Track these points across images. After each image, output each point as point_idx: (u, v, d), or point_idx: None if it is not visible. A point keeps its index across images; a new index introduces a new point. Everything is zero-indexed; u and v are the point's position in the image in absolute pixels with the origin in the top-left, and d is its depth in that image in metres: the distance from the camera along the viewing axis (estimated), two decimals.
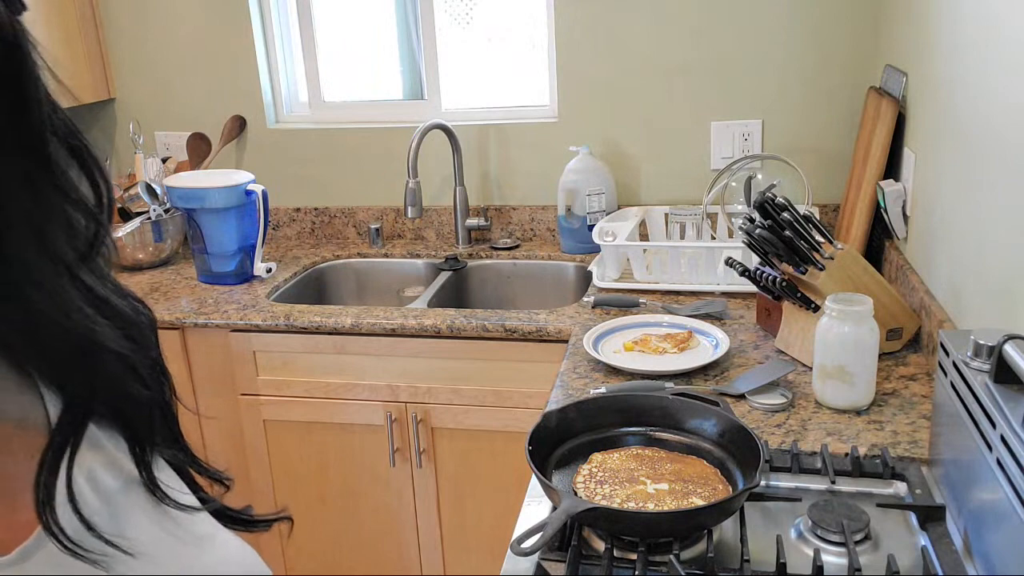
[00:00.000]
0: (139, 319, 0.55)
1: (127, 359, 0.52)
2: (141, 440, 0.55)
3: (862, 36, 2.09)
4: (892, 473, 1.15)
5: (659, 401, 1.23)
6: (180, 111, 2.55)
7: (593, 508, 0.98)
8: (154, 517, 0.54)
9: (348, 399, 1.95)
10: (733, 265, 1.61)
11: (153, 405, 0.56)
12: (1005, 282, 1.16)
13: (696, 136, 2.25)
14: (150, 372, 0.55)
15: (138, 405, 0.54)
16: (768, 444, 1.24)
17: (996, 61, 1.21)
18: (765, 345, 1.62)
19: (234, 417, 2.07)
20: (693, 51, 2.19)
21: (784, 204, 1.44)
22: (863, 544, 1.02)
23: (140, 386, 0.53)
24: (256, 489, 2.11)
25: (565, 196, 2.23)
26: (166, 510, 0.55)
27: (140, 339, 0.54)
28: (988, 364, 0.95)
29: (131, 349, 0.52)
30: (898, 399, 1.37)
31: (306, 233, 2.57)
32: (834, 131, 2.16)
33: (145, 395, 0.54)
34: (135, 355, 0.53)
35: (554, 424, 1.18)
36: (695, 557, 1.01)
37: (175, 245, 2.39)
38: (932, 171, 1.54)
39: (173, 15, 2.47)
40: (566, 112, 2.31)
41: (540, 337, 1.80)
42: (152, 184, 2.29)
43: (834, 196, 2.18)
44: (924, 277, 1.56)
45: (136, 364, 0.53)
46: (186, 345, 2.04)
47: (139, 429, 0.54)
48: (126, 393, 0.53)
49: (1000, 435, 0.87)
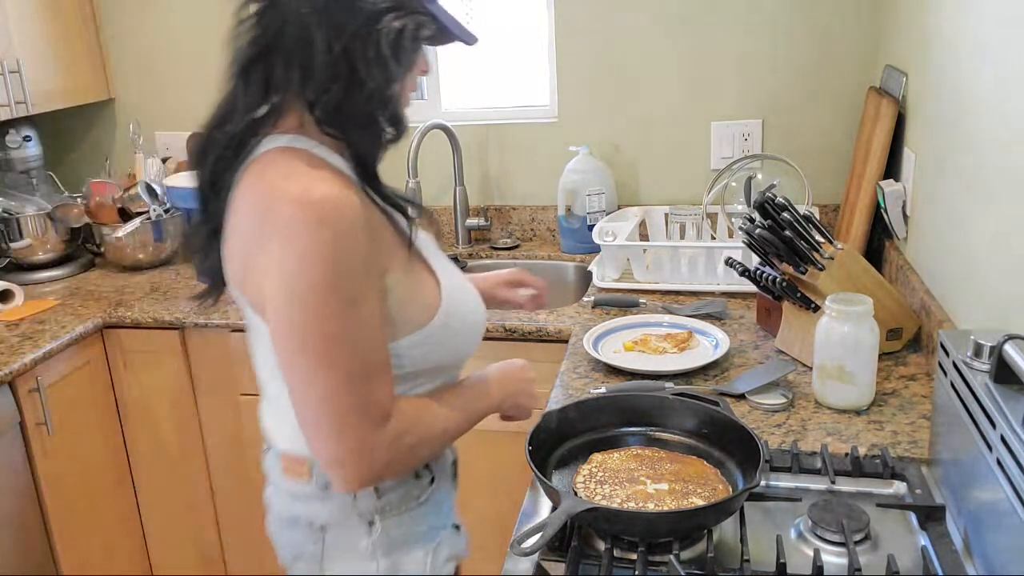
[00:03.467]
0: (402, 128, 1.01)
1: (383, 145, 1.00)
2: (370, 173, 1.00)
3: (862, 36, 2.09)
4: (892, 473, 1.15)
5: (659, 401, 1.23)
6: (180, 111, 2.55)
7: (593, 508, 0.98)
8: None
9: None
10: (733, 265, 1.61)
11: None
12: (1005, 282, 1.16)
13: (696, 136, 2.25)
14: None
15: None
16: (768, 444, 1.24)
17: (996, 61, 1.21)
18: (765, 345, 1.62)
19: (234, 417, 2.07)
20: (693, 51, 2.19)
21: (784, 204, 1.44)
22: (863, 544, 1.02)
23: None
24: (256, 489, 2.11)
25: (565, 196, 2.23)
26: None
27: (402, 128, 1.01)
28: (988, 364, 0.95)
29: (393, 135, 1.00)
30: (898, 399, 1.37)
31: None
32: (834, 131, 2.16)
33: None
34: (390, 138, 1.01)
35: (554, 424, 1.18)
36: (695, 557, 1.01)
37: (175, 245, 2.39)
38: (932, 171, 1.54)
39: (173, 15, 2.47)
40: (566, 112, 2.31)
41: (540, 337, 1.80)
42: (152, 184, 2.29)
43: (834, 196, 2.18)
44: (924, 277, 1.56)
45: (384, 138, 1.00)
46: (186, 345, 2.04)
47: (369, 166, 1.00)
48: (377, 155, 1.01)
49: (1000, 435, 0.87)
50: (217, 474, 2.14)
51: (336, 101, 0.93)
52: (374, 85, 0.93)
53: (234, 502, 2.16)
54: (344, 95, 0.93)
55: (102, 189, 2.34)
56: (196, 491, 2.16)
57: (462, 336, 1.05)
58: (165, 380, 2.07)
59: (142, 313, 2.02)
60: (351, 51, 0.92)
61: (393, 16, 0.93)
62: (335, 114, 0.94)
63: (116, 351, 2.07)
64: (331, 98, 0.93)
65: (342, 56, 0.91)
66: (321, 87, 0.92)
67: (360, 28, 0.91)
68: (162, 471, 2.15)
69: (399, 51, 0.94)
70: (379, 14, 0.92)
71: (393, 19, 0.93)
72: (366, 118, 0.96)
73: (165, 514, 2.20)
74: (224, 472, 2.13)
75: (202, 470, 2.14)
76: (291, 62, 0.93)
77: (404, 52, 0.94)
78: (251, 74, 0.97)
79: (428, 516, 1.08)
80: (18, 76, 2.18)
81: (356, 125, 0.96)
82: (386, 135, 0.98)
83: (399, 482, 1.04)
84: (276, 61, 0.95)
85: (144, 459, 2.15)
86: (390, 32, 0.92)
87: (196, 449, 2.12)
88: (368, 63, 0.92)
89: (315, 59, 0.92)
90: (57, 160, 2.64)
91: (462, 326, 1.04)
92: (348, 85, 0.93)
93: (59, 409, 1.92)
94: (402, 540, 1.06)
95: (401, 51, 0.94)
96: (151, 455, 2.15)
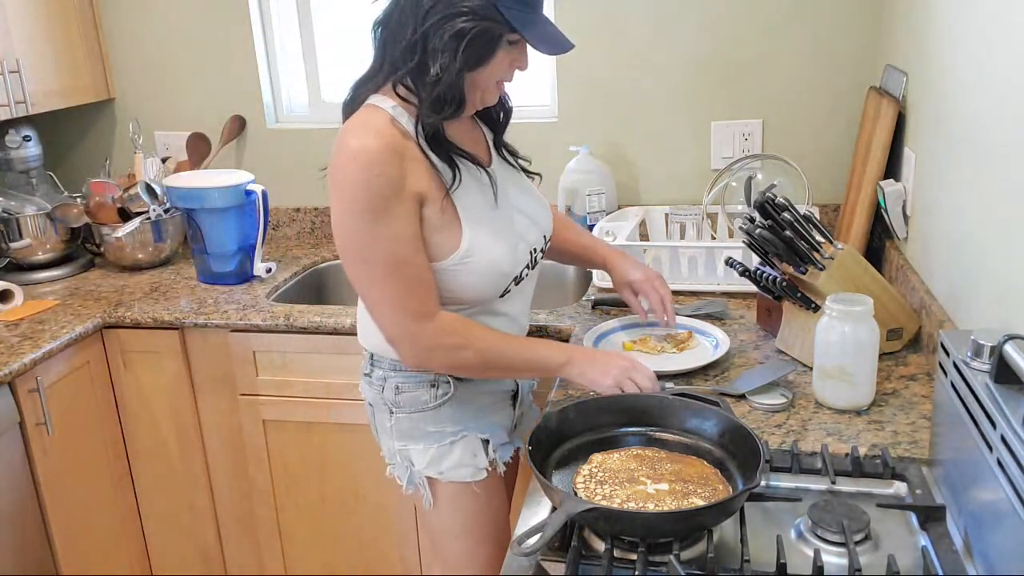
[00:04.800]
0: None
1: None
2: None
3: (862, 36, 2.09)
4: (892, 473, 1.15)
5: (659, 401, 1.23)
6: (180, 111, 2.55)
7: (593, 508, 0.98)
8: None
9: (348, 399, 1.95)
10: (733, 265, 1.61)
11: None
12: (1005, 282, 1.16)
13: (696, 136, 2.25)
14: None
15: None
16: (768, 444, 1.24)
17: (996, 60, 1.21)
18: (765, 345, 1.61)
19: (234, 417, 2.07)
20: (693, 51, 2.19)
21: (784, 204, 1.44)
22: (863, 544, 1.02)
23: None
24: (256, 489, 2.11)
25: (565, 196, 2.23)
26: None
27: (459, 107, 1.26)
28: (988, 364, 0.95)
29: (451, 111, 1.25)
30: (898, 399, 1.37)
31: (306, 233, 2.57)
32: (834, 131, 2.16)
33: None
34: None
35: (554, 424, 1.18)
36: (695, 557, 1.01)
37: (175, 245, 2.39)
38: (932, 171, 1.54)
39: (173, 15, 2.47)
40: (566, 112, 2.31)
41: (540, 337, 1.80)
42: (152, 184, 2.28)
43: (834, 196, 2.18)
44: (924, 277, 1.56)
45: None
46: (186, 345, 2.04)
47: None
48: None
49: (1000, 435, 0.87)
50: (217, 474, 2.14)
51: (409, 74, 1.23)
52: (436, 69, 1.19)
53: (234, 502, 2.16)
54: (415, 71, 1.22)
55: (102, 189, 2.34)
56: (196, 491, 2.16)
57: (476, 277, 1.30)
58: (165, 380, 2.07)
59: (142, 313, 2.02)
60: (426, 38, 1.19)
61: (464, 19, 1.17)
62: (406, 84, 1.25)
63: (116, 351, 2.07)
64: (406, 71, 1.23)
65: (420, 40, 1.19)
66: (401, 61, 1.23)
67: (436, 22, 1.17)
68: (162, 471, 2.15)
69: (463, 47, 1.18)
70: (454, 15, 1.17)
71: (463, 22, 1.17)
72: (428, 92, 1.22)
73: (165, 514, 2.20)
74: (224, 472, 2.13)
75: (202, 470, 2.14)
76: (393, 39, 1.23)
77: (470, 49, 1.18)
78: (377, 40, 1.28)
79: (439, 421, 1.40)
80: (18, 76, 2.18)
81: (420, 96, 1.23)
82: (444, 110, 1.23)
83: (413, 386, 1.38)
84: (387, 38, 1.25)
85: (144, 459, 2.15)
86: (457, 31, 1.17)
87: (196, 449, 2.12)
88: (434, 51, 1.19)
89: (404, 39, 1.21)
90: (57, 160, 2.64)
91: (476, 272, 1.30)
92: (418, 64, 1.21)
93: (59, 409, 1.92)
94: (410, 433, 1.41)
95: (466, 48, 1.18)
96: (151, 455, 2.15)
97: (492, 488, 1.46)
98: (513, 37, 1.22)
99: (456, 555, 1.49)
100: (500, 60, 1.23)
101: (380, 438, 1.48)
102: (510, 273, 1.35)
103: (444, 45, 1.18)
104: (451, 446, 1.41)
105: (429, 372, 1.37)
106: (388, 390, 1.40)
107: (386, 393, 1.41)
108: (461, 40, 1.17)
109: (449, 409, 1.40)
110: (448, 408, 1.40)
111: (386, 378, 1.41)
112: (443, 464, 1.41)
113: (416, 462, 1.42)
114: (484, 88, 1.28)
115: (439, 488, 1.43)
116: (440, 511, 1.45)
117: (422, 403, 1.39)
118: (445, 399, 1.39)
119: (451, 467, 1.41)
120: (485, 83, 1.26)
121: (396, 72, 1.24)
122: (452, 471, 1.41)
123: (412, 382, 1.39)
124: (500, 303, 1.39)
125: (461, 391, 1.40)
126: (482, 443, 1.43)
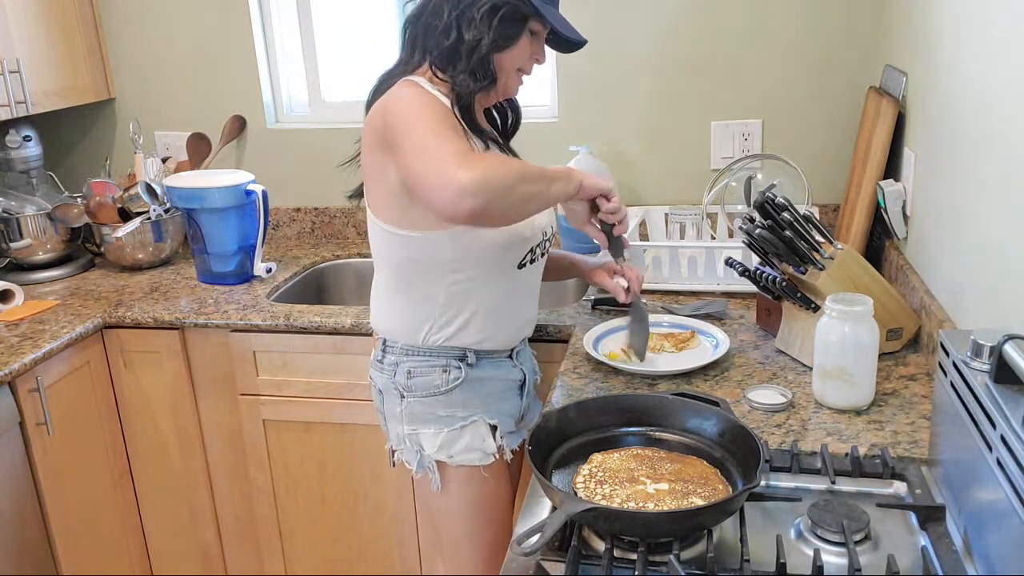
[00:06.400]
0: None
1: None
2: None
3: (862, 36, 2.09)
4: (892, 473, 1.15)
5: (659, 401, 1.23)
6: (180, 111, 2.55)
7: (593, 508, 0.98)
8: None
9: (348, 399, 1.95)
10: (733, 265, 1.61)
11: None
12: (1005, 282, 1.16)
13: (696, 136, 2.25)
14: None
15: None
16: (768, 444, 1.24)
17: (996, 60, 1.21)
18: (765, 345, 1.62)
19: (234, 417, 2.07)
20: (693, 51, 2.19)
21: (784, 204, 1.44)
22: (863, 544, 1.02)
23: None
24: (256, 489, 2.11)
25: None
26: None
27: (489, 80, 1.39)
28: (988, 364, 0.95)
29: (482, 83, 1.37)
30: (898, 399, 1.37)
31: (306, 233, 2.57)
32: (834, 131, 2.16)
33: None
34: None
35: (554, 424, 1.18)
36: (695, 557, 1.01)
37: (175, 245, 2.39)
38: (932, 171, 1.54)
39: (173, 15, 2.47)
40: (566, 112, 2.31)
41: (540, 337, 1.80)
42: (152, 184, 2.28)
43: (834, 196, 2.18)
44: (924, 277, 1.56)
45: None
46: (186, 345, 2.04)
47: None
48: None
49: (1000, 435, 0.87)
50: (217, 474, 2.14)
51: (445, 51, 1.35)
52: (471, 41, 1.33)
53: (234, 502, 2.16)
54: (450, 49, 1.35)
55: (102, 189, 2.34)
56: (196, 491, 2.16)
57: (500, 235, 1.38)
58: (165, 380, 2.07)
59: (142, 313, 2.02)
60: (461, 16, 1.33)
61: None
62: (443, 60, 1.36)
63: (116, 351, 2.07)
64: (443, 49, 1.35)
65: (455, 20, 1.34)
66: (435, 45, 1.36)
67: (471, 1, 1.33)
68: (162, 471, 2.15)
69: (494, 22, 1.33)
70: None
71: None
72: (464, 65, 1.34)
73: (165, 514, 2.20)
74: (224, 472, 2.13)
75: (202, 470, 2.14)
76: (425, 31, 1.37)
77: (502, 26, 1.33)
78: (407, 36, 1.41)
79: (450, 405, 1.45)
80: (18, 76, 2.18)
81: (456, 70, 1.35)
82: (479, 81, 1.35)
83: (425, 371, 1.43)
84: (419, 31, 1.38)
85: (144, 459, 2.15)
86: (492, 6, 1.32)
87: (196, 449, 2.12)
88: (470, 23, 1.33)
89: (439, 24, 1.34)
90: (57, 160, 2.64)
91: (499, 231, 1.37)
92: (455, 41, 1.34)
93: (59, 409, 1.92)
94: (421, 417, 1.45)
95: (498, 22, 1.33)
96: (151, 455, 2.15)
97: (499, 473, 1.50)
98: (535, 27, 1.38)
99: (460, 537, 1.51)
100: (523, 46, 1.38)
101: (388, 424, 1.51)
102: (530, 239, 1.43)
103: (480, 20, 1.32)
104: (461, 430, 1.44)
105: (462, 208, 1.19)
106: (400, 374, 1.45)
107: (398, 377, 1.45)
108: (494, 15, 1.32)
109: (460, 393, 1.44)
110: (459, 392, 1.44)
111: (398, 363, 1.45)
112: (453, 448, 1.45)
113: (426, 446, 1.45)
114: (508, 73, 1.40)
115: (448, 472, 1.47)
116: (448, 494, 1.48)
117: (434, 387, 1.44)
118: (457, 383, 1.44)
119: (461, 451, 1.45)
120: (509, 68, 1.39)
121: (430, 55, 1.37)
122: (462, 455, 1.45)
123: (424, 366, 1.44)
124: (520, 276, 1.46)
125: (472, 376, 1.45)
126: (490, 428, 1.47)
